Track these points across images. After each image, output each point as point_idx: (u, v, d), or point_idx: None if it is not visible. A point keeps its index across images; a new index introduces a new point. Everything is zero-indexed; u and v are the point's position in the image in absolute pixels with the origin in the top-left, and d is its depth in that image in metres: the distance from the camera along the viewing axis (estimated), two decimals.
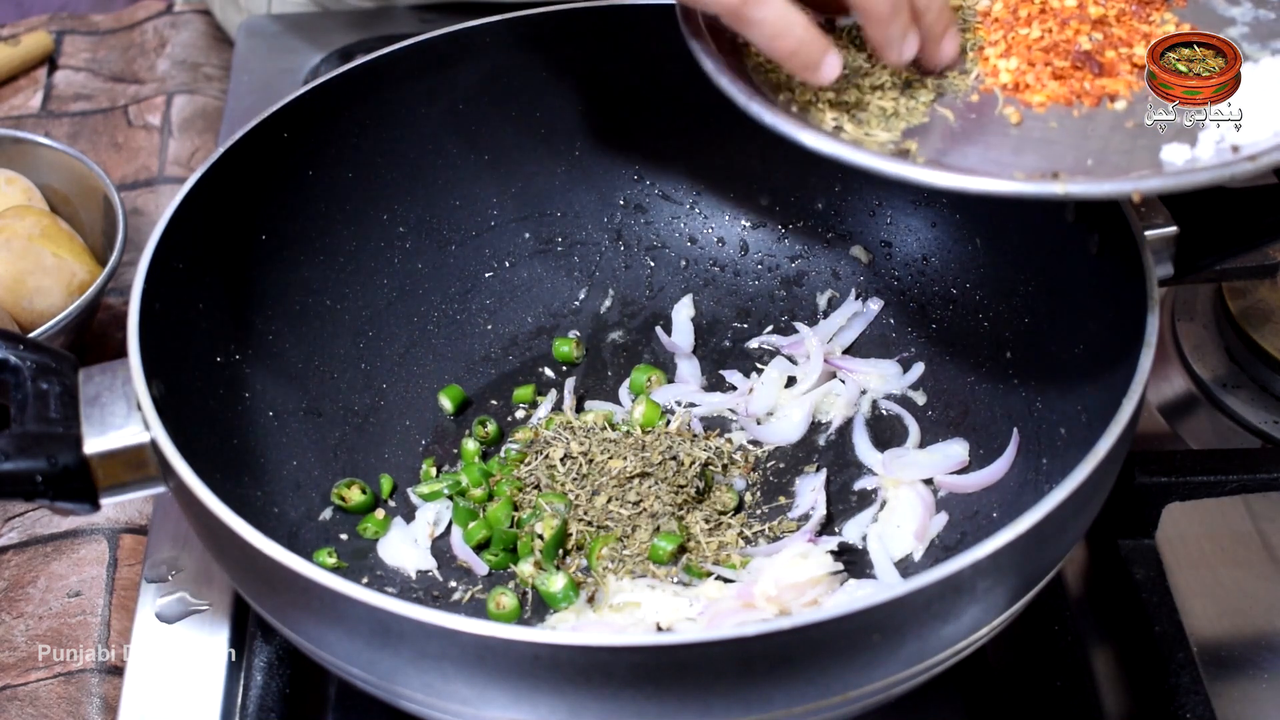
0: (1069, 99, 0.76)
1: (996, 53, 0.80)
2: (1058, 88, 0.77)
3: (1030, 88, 0.77)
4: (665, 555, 0.87)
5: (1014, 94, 0.78)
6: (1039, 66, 0.78)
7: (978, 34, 0.81)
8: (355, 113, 0.96)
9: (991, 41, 0.80)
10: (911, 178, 0.72)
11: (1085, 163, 0.73)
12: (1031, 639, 0.85)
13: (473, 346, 1.03)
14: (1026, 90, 0.77)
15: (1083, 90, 0.77)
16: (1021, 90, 0.77)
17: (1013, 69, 0.78)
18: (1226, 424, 1.02)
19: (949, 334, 0.98)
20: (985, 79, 0.79)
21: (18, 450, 0.71)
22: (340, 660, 0.71)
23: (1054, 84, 0.77)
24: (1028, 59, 0.78)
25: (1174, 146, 0.73)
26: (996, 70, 0.79)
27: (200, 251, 0.87)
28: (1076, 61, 0.77)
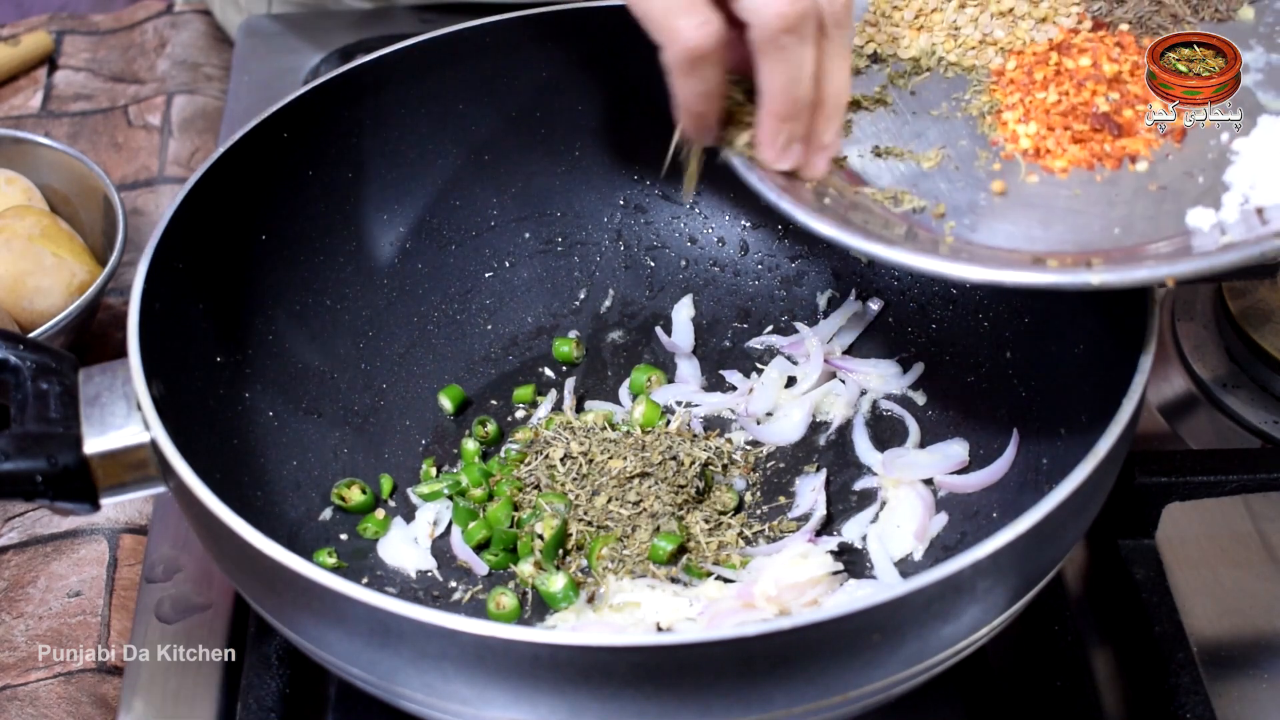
0: (1090, 163, 0.76)
1: (1015, 117, 0.79)
2: (1078, 152, 0.76)
3: (1051, 153, 0.77)
4: (665, 555, 0.87)
5: (1035, 159, 0.77)
6: (1058, 131, 0.77)
7: (994, 96, 0.81)
8: (355, 113, 0.96)
9: (1009, 105, 0.80)
10: (947, 273, 0.71)
11: (1113, 231, 0.72)
12: (1031, 639, 0.85)
13: (473, 346, 1.03)
14: (1048, 155, 0.77)
15: (1103, 153, 0.76)
16: (1042, 155, 0.77)
17: (1032, 134, 0.78)
18: (1226, 424, 1.02)
19: (949, 334, 0.98)
20: (1006, 145, 0.78)
21: (18, 450, 0.71)
22: (340, 660, 0.71)
23: (1074, 148, 0.76)
24: (1047, 124, 0.78)
25: (1199, 211, 0.72)
26: (1016, 136, 0.78)
27: (200, 251, 0.87)
28: (1095, 124, 0.76)
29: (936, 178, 0.78)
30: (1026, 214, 0.75)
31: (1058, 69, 0.79)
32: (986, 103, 0.81)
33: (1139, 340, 0.75)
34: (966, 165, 0.78)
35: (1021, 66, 0.81)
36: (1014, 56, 0.82)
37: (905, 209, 0.76)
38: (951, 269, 0.71)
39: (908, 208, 0.76)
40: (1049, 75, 0.79)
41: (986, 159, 0.78)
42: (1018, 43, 0.83)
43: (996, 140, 0.79)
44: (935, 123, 0.81)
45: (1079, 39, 0.81)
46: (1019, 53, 0.82)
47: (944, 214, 0.75)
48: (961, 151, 0.80)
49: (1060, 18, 0.83)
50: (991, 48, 0.83)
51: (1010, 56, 0.82)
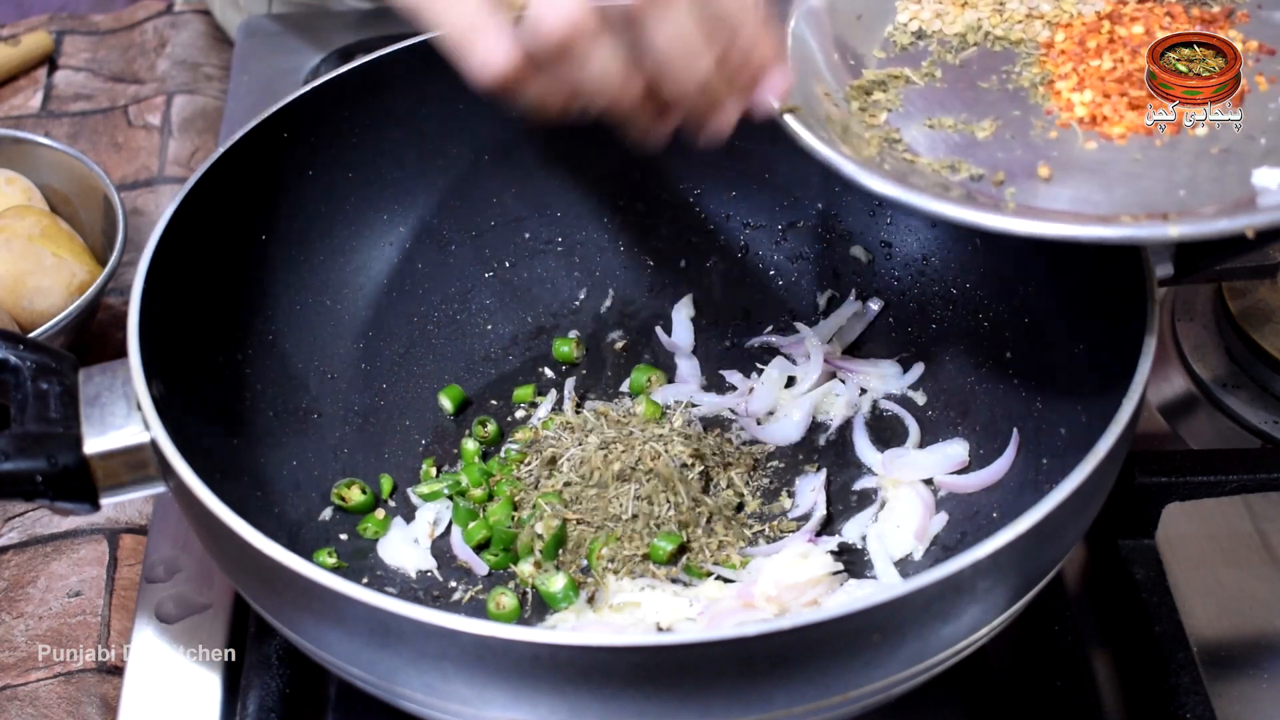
0: (1149, 129, 0.76)
1: (1069, 86, 0.78)
2: (1136, 118, 0.76)
3: (1108, 119, 0.76)
4: (665, 555, 0.87)
5: (1092, 127, 0.77)
6: (1114, 98, 0.77)
7: (1045, 68, 0.81)
8: (355, 113, 0.96)
9: (1062, 74, 0.79)
10: (1016, 229, 0.70)
11: (1178, 194, 0.72)
12: (1031, 639, 0.85)
13: (473, 346, 1.03)
14: (1104, 123, 0.76)
15: (1161, 117, 0.76)
16: (1099, 123, 0.76)
17: (1088, 102, 0.77)
18: (1226, 424, 1.02)
19: (949, 334, 0.98)
20: (1061, 114, 0.78)
21: (18, 450, 0.71)
22: (340, 660, 0.71)
23: (1132, 114, 0.76)
24: (1102, 90, 0.77)
25: (1265, 170, 0.72)
26: (1071, 104, 0.78)
27: (200, 251, 0.87)
28: (1156, 88, 0.76)
29: (992, 148, 0.77)
30: (1088, 179, 0.74)
31: (1111, 37, 0.79)
32: (1038, 74, 0.80)
33: (1139, 340, 0.75)
34: (1022, 134, 0.77)
35: (1072, 38, 0.81)
36: (1062, 29, 0.82)
37: (963, 176, 0.75)
38: (1021, 225, 0.70)
39: (965, 175, 0.75)
40: (1102, 43, 0.79)
41: (1042, 128, 0.77)
42: (1065, 16, 0.83)
43: (1051, 109, 0.78)
44: (985, 95, 0.81)
45: (1128, 9, 0.81)
46: (1067, 25, 0.82)
47: (1003, 180, 0.75)
48: (1015, 121, 0.79)
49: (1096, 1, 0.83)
50: (1038, 21, 0.83)
51: (1058, 29, 0.82)
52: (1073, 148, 0.76)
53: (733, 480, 0.94)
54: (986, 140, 0.77)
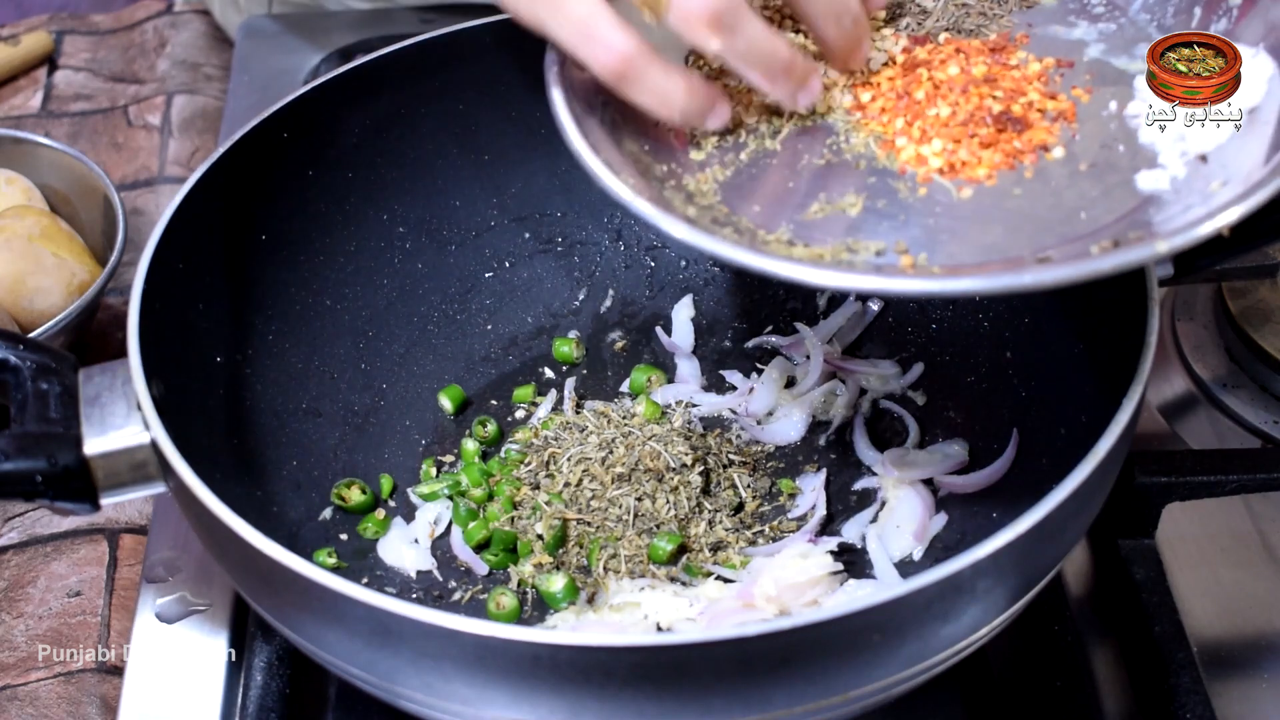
0: (1010, 163, 0.74)
1: (910, 140, 0.75)
2: (994, 155, 0.74)
3: (967, 164, 0.73)
4: (665, 555, 0.87)
5: (954, 175, 0.73)
6: (965, 141, 0.74)
7: (870, 129, 0.76)
8: (355, 113, 0.96)
9: (897, 131, 0.76)
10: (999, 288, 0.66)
11: (1080, 216, 0.70)
12: (1031, 639, 0.85)
13: (473, 346, 1.03)
14: (965, 168, 0.73)
15: (1016, 150, 0.74)
16: (959, 170, 0.73)
17: (939, 151, 0.74)
18: (1226, 424, 1.02)
19: (949, 334, 0.98)
20: (916, 169, 0.74)
21: (18, 450, 0.71)
22: (340, 660, 0.71)
23: (988, 153, 0.74)
24: (951, 137, 0.74)
25: (1145, 174, 0.71)
26: (923, 158, 0.74)
27: (200, 251, 0.87)
28: (999, 124, 0.74)
29: (871, 221, 0.72)
30: (987, 227, 0.71)
31: (935, 84, 0.77)
32: (866, 137, 0.76)
33: (1139, 340, 0.75)
34: (891, 199, 0.73)
35: (884, 94, 0.77)
36: (864, 90, 0.78)
37: (868, 257, 0.70)
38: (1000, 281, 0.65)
39: (870, 255, 0.70)
40: (929, 91, 0.76)
41: (908, 188, 0.74)
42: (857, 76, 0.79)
43: (905, 168, 0.74)
44: (828, 171, 0.75)
45: (924, 53, 0.79)
46: (865, 84, 0.78)
47: (905, 249, 0.70)
48: (876, 188, 0.74)
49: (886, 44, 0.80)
50: (834, 88, 0.78)
51: (858, 90, 0.78)
52: (950, 199, 0.73)
53: (733, 480, 0.94)
54: (861, 215, 0.73)
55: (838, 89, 0.79)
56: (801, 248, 0.70)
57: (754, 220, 0.73)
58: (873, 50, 0.80)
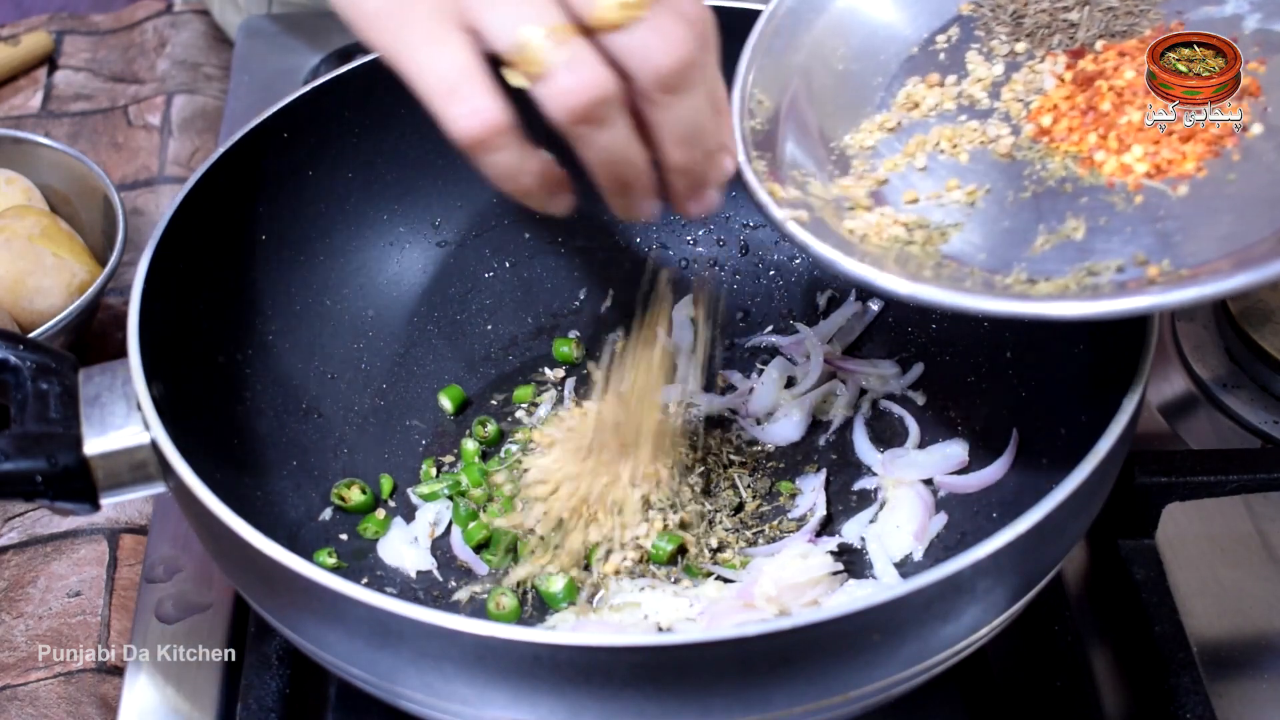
0: (1215, 150, 0.73)
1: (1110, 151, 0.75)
2: (1196, 146, 0.73)
3: (1174, 161, 0.73)
4: (665, 555, 0.87)
5: (1161, 176, 0.73)
6: (1164, 140, 0.74)
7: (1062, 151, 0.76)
8: (355, 113, 0.96)
9: (1093, 146, 0.76)
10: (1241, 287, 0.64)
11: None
12: (1031, 639, 0.85)
13: (473, 346, 1.03)
14: (1172, 166, 0.73)
15: (1216, 137, 0.73)
16: (1168, 169, 0.73)
17: (1141, 157, 0.74)
18: (1226, 424, 1.02)
19: (949, 334, 0.98)
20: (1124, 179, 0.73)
21: (18, 450, 0.71)
22: (340, 660, 0.71)
23: (1190, 146, 0.73)
24: (1149, 139, 0.74)
25: None
26: (1128, 167, 0.74)
27: (200, 251, 0.87)
28: None
29: (1100, 241, 0.72)
30: (1216, 218, 0.70)
31: (1117, 92, 0.77)
32: (1063, 161, 0.76)
33: (1139, 340, 0.75)
34: (1112, 214, 0.73)
35: (1065, 115, 0.77)
36: (1045, 114, 0.78)
37: (1109, 277, 0.69)
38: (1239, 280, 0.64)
39: (1110, 275, 0.69)
40: (1114, 102, 0.76)
41: (1123, 200, 0.73)
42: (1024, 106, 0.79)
43: (1112, 180, 0.74)
44: (1037, 203, 0.75)
45: (1091, 64, 0.79)
46: (1042, 109, 0.78)
47: (1145, 260, 0.69)
48: (1092, 207, 0.73)
49: (1045, 67, 0.80)
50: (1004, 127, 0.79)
51: (1037, 116, 0.78)
52: (1169, 200, 0.72)
53: (733, 480, 0.94)
54: (1085, 238, 0.72)
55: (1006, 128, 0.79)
56: (1044, 283, 0.70)
57: (985, 267, 0.72)
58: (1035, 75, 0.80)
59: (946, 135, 0.80)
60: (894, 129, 0.82)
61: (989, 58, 0.83)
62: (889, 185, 0.79)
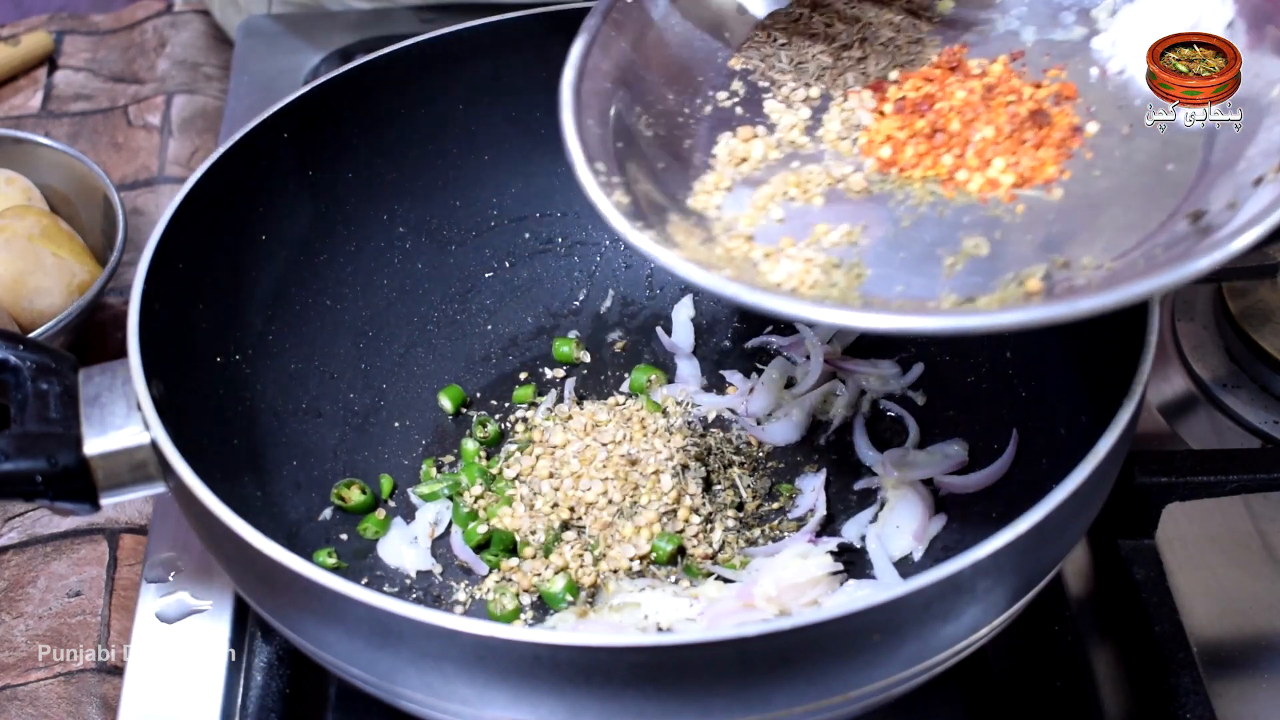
0: (1068, 153, 0.74)
1: (975, 167, 0.74)
2: (1050, 152, 0.74)
3: (1035, 169, 0.73)
4: (665, 555, 0.87)
5: (1027, 185, 0.73)
6: (1021, 149, 0.74)
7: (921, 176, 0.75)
8: (355, 113, 0.96)
9: (951, 167, 0.75)
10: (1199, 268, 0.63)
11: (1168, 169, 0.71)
12: (1031, 639, 0.85)
13: (473, 346, 1.03)
14: (1034, 173, 0.73)
15: (1063, 140, 0.74)
16: (1032, 177, 0.73)
17: (1004, 168, 0.74)
18: (1226, 424, 1.02)
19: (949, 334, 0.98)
20: (994, 194, 0.73)
21: (18, 450, 0.71)
22: (340, 660, 0.71)
23: (1045, 152, 0.74)
24: (1008, 151, 0.74)
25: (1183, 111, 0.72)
26: (996, 182, 0.73)
27: (200, 251, 0.87)
28: (1034, 123, 0.74)
29: (1006, 250, 0.71)
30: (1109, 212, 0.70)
31: (959, 112, 0.76)
32: (922, 186, 0.75)
33: (1139, 340, 0.75)
34: (1002, 226, 0.72)
35: (905, 144, 0.76)
36: (885, 146, 0.77)
37: (1037, 283, 0.68)
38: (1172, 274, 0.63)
39: (1037, 283, 0.68)
40: (964, 120, 0.76)
41: (1005, 213, 0.72)
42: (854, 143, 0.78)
43: (985, 196, 0.74)
44: (920, 232, 0.73)
45: (910, 91, 0.78)
46: (882, 142, 0.77)
47: (1065, 262, 0.69)
48: (980, 223, 0.73)
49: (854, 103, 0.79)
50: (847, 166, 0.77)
51: (873, 149, 0.77)
52: (1051, 204, 0.72)
53: (733, 480, 0.94)
54: (988, 254, 0.71)
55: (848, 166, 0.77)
56: (984, 299, 0.68)
57: (912, 295, 0.70)
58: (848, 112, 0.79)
59: (791, 182, 0.77)
60: (729, 188, 0.77)
61: (789, 104, 0.81)
62: (755, 241, 0.74)
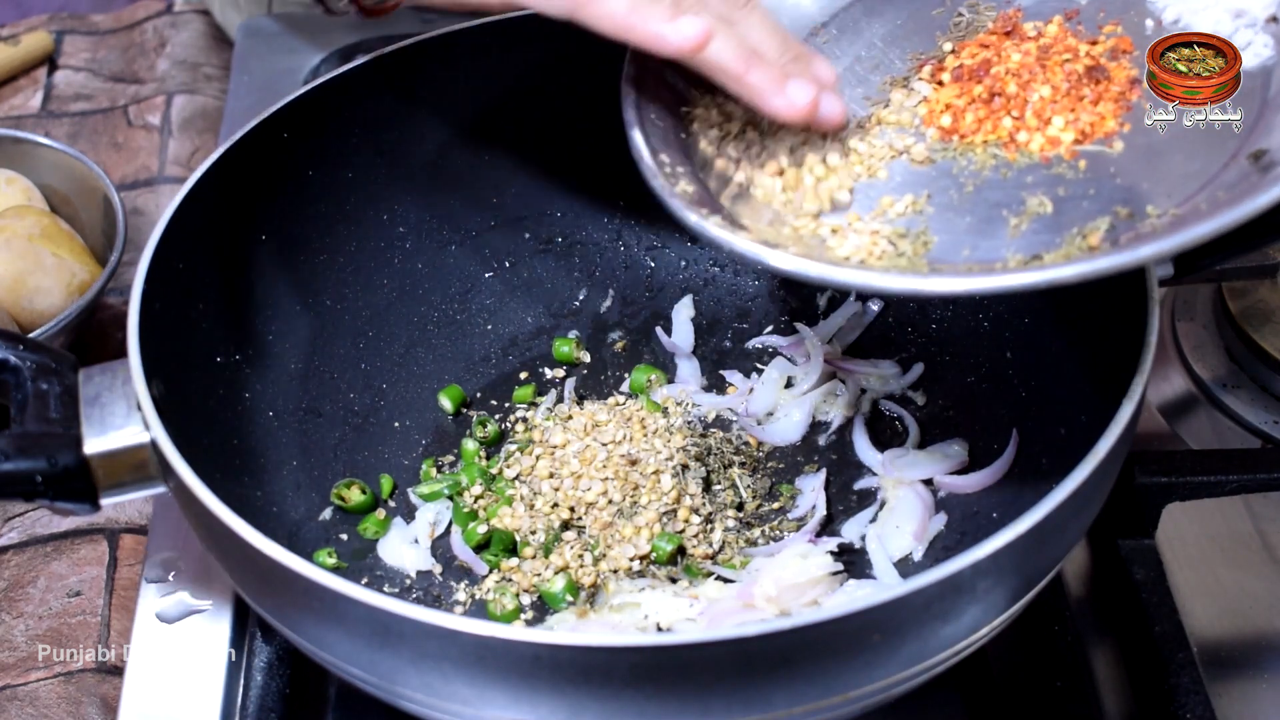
0: (1127, 105, 0.74)
1: (1033, 129, 0.75)
2: (1110, 106, 0.74)
3: (1095, 124, 0.74)
4: (665, 555, 0.87)
5: (1087, 140, 0.74)
6: (1079, 107, 0.75)
7: (981, 140, 0.76)
8: (355, 113, 0.96)
9: (1011, 129, 0.76)
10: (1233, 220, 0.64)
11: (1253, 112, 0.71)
12: (1031, 639, 0.85)
13: (473, 346, 1.03)
14: (1095, 129, 0.74)
15: (1120, 94, 0.75)
16: (1093, 132, 0.74)
17: (1063, 125, 0.74)
18: (1226, 424, 1.02)
19: (949, 334, 0.98)
20: (1056, 150, 0.74)
21: (18, 450, 0.71)
22: (340, 660, 0.71)
23: (1105, 105, 0.74)
24: (1067, 109, 0.75)
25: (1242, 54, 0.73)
26: (1057, 140, 0.74)
27: (200, 251, 0.87)
28: (1091, 79, 0.75)
29: (1070, 207, 0.71)
30: (1170, 160, 0.71)
31: (1015, 74, 0.77)
32: (985, 150, 0.76)
33: (1139, 340, 0.75)
34: (1065, 183, 0.73)
35: (966, 108, 0.77)
36: (944, 114, 0.78)
37: (1102, 236, 0.68)
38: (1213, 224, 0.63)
39: (1103, 234, 0.69)
40: (1020, 81, 0.76)
41: (1067, 169, 0.73)
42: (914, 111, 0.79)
43: (1046, 155, 0.74)
44: (984, 196, 0.74)
45: (971, 61, 0.79)
46: (942, 111, 0.78)
47: (1130, 213, 0.69)
48: (1043, 182, 0.73)
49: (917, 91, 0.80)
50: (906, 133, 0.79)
51: (934, 119, 0.78)
52: (1113, 157, 0.73)
53: (733, 480, 0.94)
54: (1056, 210, 0.72)
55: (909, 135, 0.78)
56: (1049, 255, 0.69)
57: (979, 259, 0.71)
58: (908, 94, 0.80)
59: (855, 161, 0.78)
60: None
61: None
62: (823, 218, 0.76)
